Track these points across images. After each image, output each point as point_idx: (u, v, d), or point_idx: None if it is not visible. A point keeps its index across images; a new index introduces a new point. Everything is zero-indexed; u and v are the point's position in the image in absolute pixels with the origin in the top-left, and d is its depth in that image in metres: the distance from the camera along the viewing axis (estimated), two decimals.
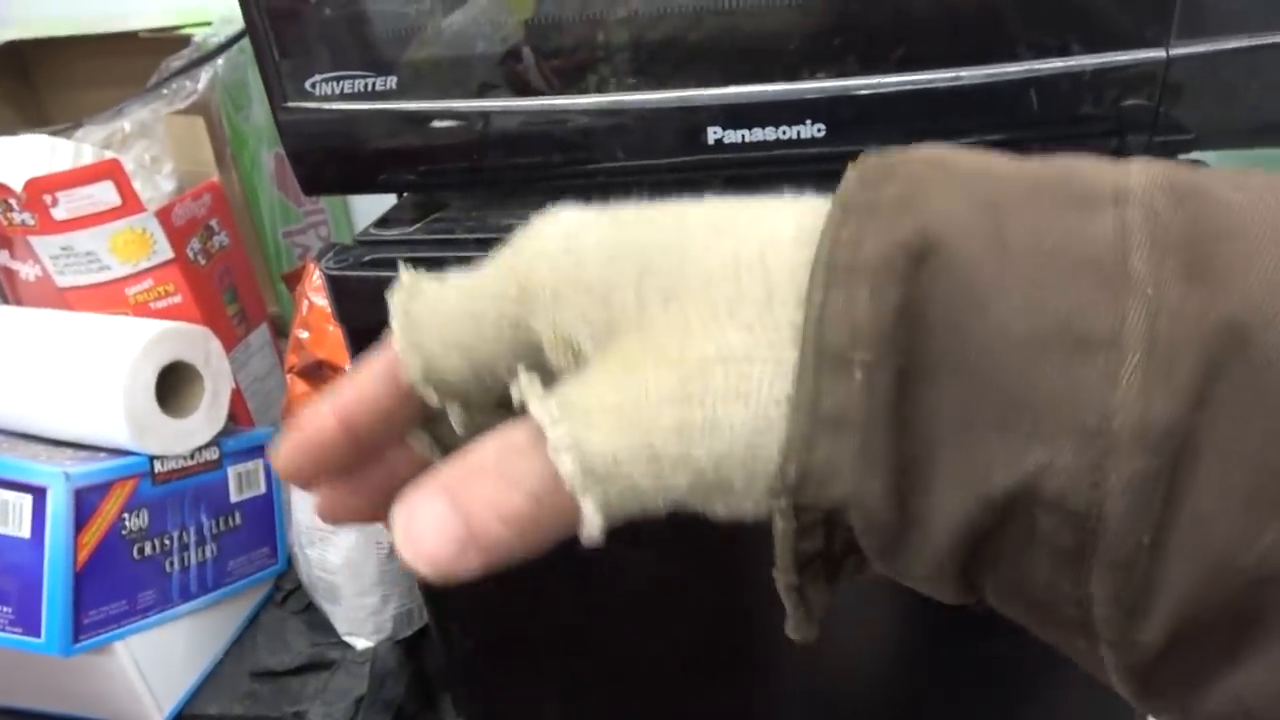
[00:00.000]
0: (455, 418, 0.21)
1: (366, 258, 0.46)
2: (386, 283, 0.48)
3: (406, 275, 0.21)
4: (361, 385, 0.21)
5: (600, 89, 0.43)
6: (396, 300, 0.20)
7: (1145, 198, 0.16)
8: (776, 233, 0.18)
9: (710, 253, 0.18)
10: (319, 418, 0.21)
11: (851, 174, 0.18)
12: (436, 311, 0.20)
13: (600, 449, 0.17)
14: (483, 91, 0.44)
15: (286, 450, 0.22)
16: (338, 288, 0.46)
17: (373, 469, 0.22)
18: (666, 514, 0.20)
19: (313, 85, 0.45)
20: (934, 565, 0.17)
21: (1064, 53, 0.40)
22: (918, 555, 0.17)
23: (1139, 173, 0.16)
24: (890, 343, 0.16)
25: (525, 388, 0.18)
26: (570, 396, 0.17)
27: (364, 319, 0.47)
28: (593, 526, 0.17)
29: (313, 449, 0.21)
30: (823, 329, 0.16)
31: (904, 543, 0.17)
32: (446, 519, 0.17)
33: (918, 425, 0.16)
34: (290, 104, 0.46)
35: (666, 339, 0.17)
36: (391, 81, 0.44)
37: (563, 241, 0.19)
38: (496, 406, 0.21)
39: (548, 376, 0.19)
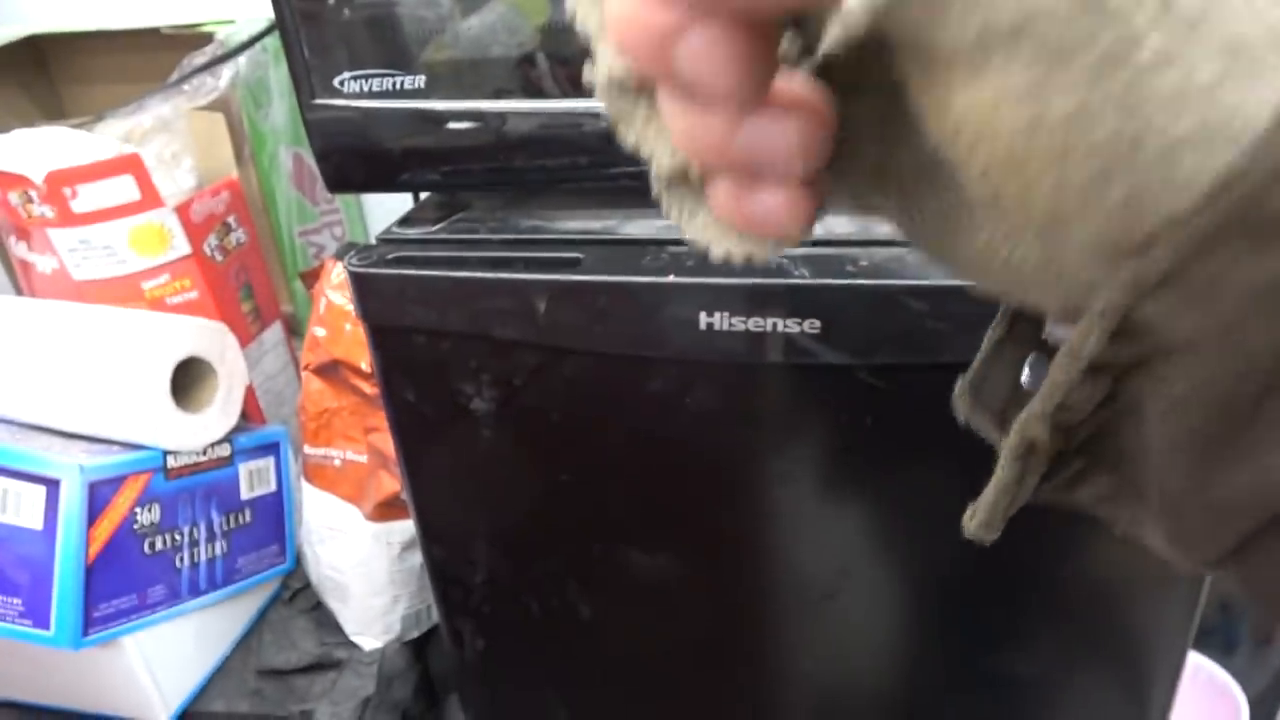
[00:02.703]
0: None
1: (390, 256, 0.46)
2: (409, 281, 0.48)
3: None
4: None
5: None
6: None
7: None
8: None
9: None
10: None
11: None
12: None
13: None
14: (510, 93, 0.44)
15: None
16: (361, 285, 0.46)
17: None
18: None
19: (341, 83, 0.45)
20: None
21: None
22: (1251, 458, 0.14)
23: None
24: None
25: None
26: None
27: (386, 316, 0.47)
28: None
29: None
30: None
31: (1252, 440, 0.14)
32: None
33: None
34: (318, 101, 0.46)
35: None
36: (420, 80, 0.45)
37: None
38: None
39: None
